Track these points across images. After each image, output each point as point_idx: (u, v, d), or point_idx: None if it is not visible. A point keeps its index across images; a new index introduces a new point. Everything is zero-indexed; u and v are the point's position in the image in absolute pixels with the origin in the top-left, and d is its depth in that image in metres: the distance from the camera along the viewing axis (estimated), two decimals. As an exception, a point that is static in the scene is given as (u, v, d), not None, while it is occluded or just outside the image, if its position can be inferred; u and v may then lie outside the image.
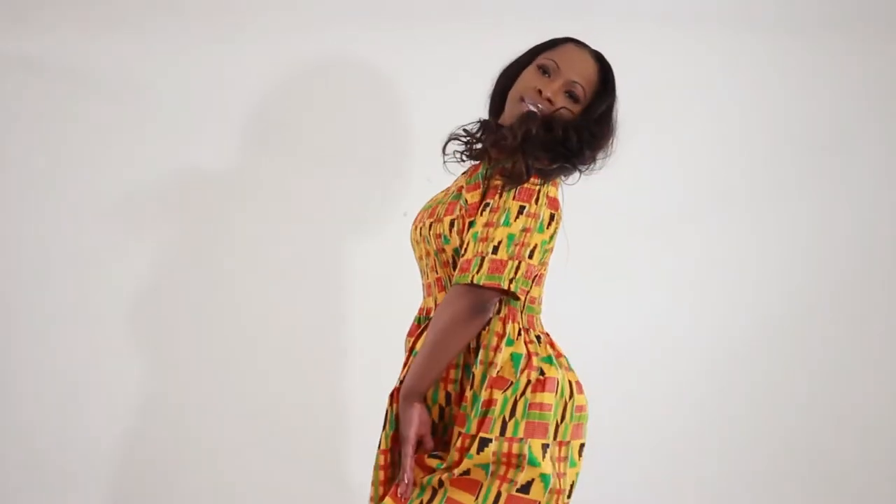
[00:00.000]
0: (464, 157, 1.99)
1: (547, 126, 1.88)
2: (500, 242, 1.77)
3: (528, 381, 1.81)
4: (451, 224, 1.87)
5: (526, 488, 1.76)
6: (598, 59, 2.00)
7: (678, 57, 2.89)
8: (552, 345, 1.92)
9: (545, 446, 1.79)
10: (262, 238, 2.80)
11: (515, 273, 1.77)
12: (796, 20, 2.94)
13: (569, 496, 1.87)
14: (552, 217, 1.83)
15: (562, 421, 1.84)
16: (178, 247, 2.77)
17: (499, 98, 2.04)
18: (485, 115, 2.07)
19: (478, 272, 1.76)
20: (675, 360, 2.90)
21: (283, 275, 2.79)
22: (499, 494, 1.76)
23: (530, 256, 1.79)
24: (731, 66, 2.93)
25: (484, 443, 1.76)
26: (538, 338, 1.90)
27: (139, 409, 2.76)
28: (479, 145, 1.95)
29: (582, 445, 1.89)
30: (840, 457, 2.96)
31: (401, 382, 1.87)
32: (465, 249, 1.80)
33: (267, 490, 2.77)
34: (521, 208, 1.80)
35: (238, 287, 2.80)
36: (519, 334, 1.86)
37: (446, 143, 1.99)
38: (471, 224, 1.84)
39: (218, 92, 2.78)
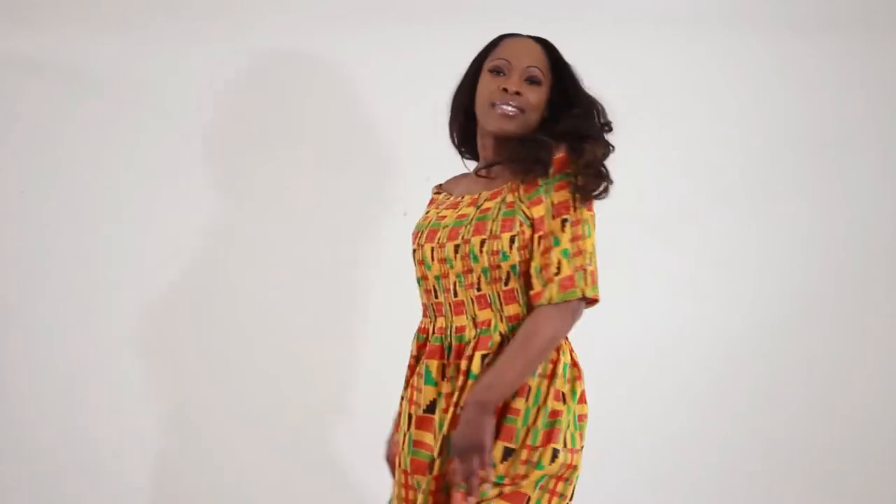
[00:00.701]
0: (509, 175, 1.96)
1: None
2: (590, 254, 1.86)
3: (578, 392, 1.90)
4: (512, 240, 1.85)
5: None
6: (537, 40, 2.01)
7: (678, 57, 2.89)
8: None
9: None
10: (263, 238, 2.80)
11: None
12: (796, 20, 2.94)
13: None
14: (593, 220, 1.92)
15: None
16: (177, 246, 2.77)
17: (463, 117, 2.05)
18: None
19: (586, 285, 1.83)
20: (674, 360, 2.90)
21: (282, 275, 2.79)
22: None
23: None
24: (731, 66, 2.93)
25: (555, 454, 1.80)
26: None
27: (139, 409, 2.76)
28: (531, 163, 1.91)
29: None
30: (840, 456, 2.96)
31: (459, 407, 1.85)
32: (559, 267, 1.82)
33: (267, 490, 2.77)
34: (591, 217, 1.89)
35: (238, 287, 2.80)
36: (566, 342, 1.92)
37: (519, 162, 1.93)
38: (539, 239, 1.85)
39: (218, 92, 2.77)
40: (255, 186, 2.80)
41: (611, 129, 1.97)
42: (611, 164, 1.98)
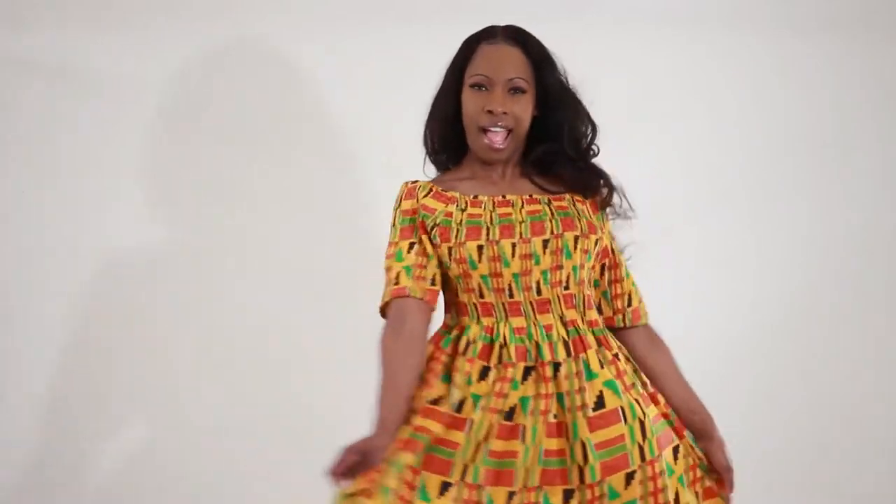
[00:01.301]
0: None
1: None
2: None
3: None
4: (596, 243, 1.90)
5: None
6: (514, 39, 1.91)
7: (678, 57, 2.89)
8: None
9: None
10: (263, 238, 2.80)
11: None
12: (796, 20, 2.94)
13: None
14: None
15: None
16: (178, 245, 2.77)
17: (446, 127, 1.97)
18: None
19: None
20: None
21: (284, 275, 2.79)
22: None
23: None
24: (731, 66, 2.93)
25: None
26: None
27: (138, 408, 2.76)
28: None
29: None
30: (840, 456, 2.96)
31: (589, 409, 1.81)
32: (633, 291, 2.05)
33: (268, 490, 2.77)
34: None
35: (239, 286, 2.80)
36: None
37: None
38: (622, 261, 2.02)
39: (218, 92, 2.78)
40: (255, 186, 2.80)
41: (595, 133, 1.97)
42: (611, 163, 1.98)
